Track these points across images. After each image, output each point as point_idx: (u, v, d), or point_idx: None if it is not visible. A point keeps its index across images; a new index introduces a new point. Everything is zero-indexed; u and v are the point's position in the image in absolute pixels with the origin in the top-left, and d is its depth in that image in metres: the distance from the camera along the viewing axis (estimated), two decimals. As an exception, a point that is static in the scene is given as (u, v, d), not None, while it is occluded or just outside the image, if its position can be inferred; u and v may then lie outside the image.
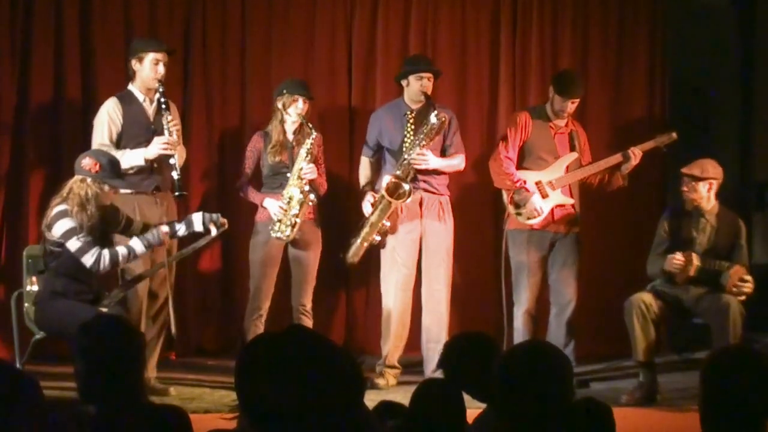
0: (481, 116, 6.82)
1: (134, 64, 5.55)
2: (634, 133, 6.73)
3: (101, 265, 4.88)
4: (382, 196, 5.69)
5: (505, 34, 6.85)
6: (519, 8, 6.86)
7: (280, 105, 5.72)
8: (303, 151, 5.60)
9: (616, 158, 5.85)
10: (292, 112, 5.69)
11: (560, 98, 5.81)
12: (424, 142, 5.70)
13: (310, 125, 5.66)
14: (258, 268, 5.73)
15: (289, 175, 5.63)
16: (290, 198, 5.60)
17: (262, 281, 5.72)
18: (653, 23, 6.98)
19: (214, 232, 5.24)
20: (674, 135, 5.98)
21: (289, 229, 5.60)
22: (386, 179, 5.70)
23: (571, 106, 5.82)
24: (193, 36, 6.56)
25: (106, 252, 4.88)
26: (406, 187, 5.66)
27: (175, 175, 5.38)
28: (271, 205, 5.64)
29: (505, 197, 5.87)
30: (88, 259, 4.86)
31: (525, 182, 5.80)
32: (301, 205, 5.60)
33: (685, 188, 5.59)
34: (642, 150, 5.85)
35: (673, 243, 5.61)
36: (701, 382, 2.42)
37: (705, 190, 5.55)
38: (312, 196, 5.61)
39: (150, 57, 5.50)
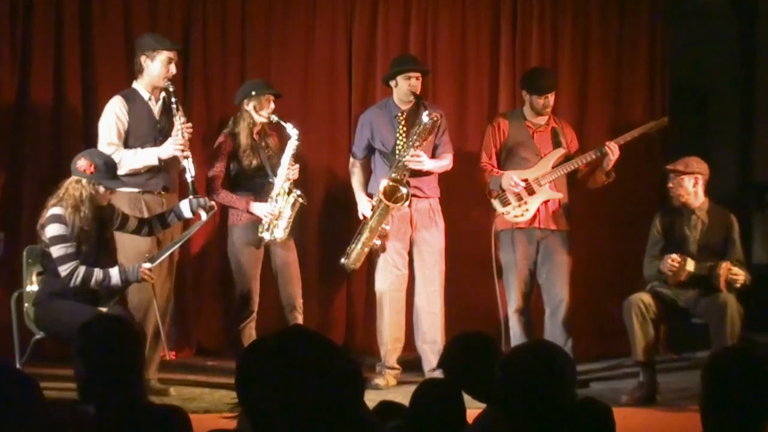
0: (481, 116, 6.82)
1: (144, 60, 5.41)
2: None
3: (73, 281, 4.84)
4: (380, 200, 5.68)
5: (505, 34, 6.85)
6: (519, 8, 6.86)
7: (249, 107, 5.62)
8: (288, 153, 5.58)
9: (592, 154, 5.85)
10: (265, 114, 5.62)
11: (536, 97, 5.86)
12: (417, 143, 5.70)
13: (292, 125, 5.59)
14: (245, 271, 5.67)
15: (271, 179, 5.59)
16: (278, 201, 5.58)
17: (251, 284, 5.67)
18: (653, 23, 6.98)
19: (204, 216, 5.26)
20: (665, 120, 6.02)
21: (282, 231, 5.59)
22: (383, 183, 5.69)
23: (551, 99, 5.88)
24: (193, 36, 6.56)
25: (82, 269, 4.84)
26: (404, 190, 5.66)
27: (189, 177, 5.29)
28: (261, 209, 5.59)
29: (489, 192, 5.92)
30: (63, 270, 4.84)
31: (495, 168, 5.89)
32: (293, 206, 5.59)
33: (670, 184, 5.63)
34: (621, 141, 5.83)
35: (667, 242, 5.63)
36: (702, 383, 2.42)
37: (690, 185, 5.57)
38: (300, 198, 5.60)
39: (163, 56, 5.39)
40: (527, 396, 2.45)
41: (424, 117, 5.65)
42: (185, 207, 5.23)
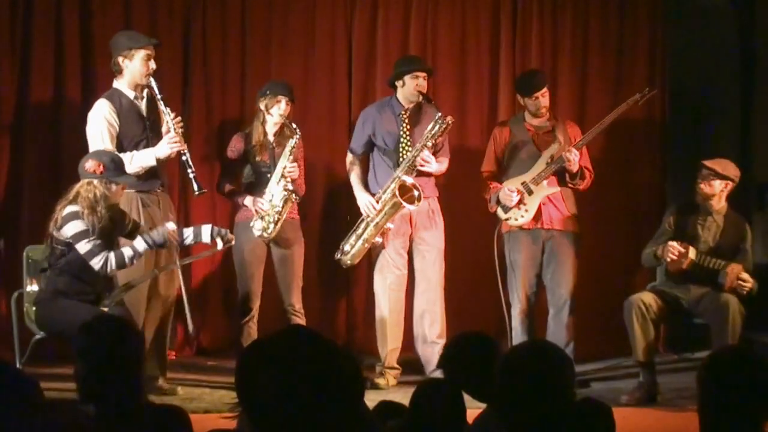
0: (481, 116, 6.82)
1: (122, 61, 5.33)
2: (634, 133, 6.75)
3: (108, 268, 4.86)
4: (393, 196, 5.67)
5: (505, 34, 6.85)
6: (519, 8, 6.86)
7: (262, 106, 5.70)
8: (287, 150, 5.61)
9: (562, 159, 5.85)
10: (275, 112, 5.67)
11: (528, 99, 5.88)
12: (429, 144, 5.71)
13: (294, 125, 5.64)
14: (244, 270, 5.71)
15: (270, 175, 5.63)
16: (272, 196, 5.61)
17: (250, 282, 5.70)
18: (653, 23, 6.98)
19: (219, 245, 5.24)
20: (650, 90, 5.99)
21: (272, 226, 5.60)
22: (407, 180, 5.67)
23: (543, 99, 5.87)
24: (193, 36, 6.57)
25: (112, 255, 4.85)
26: (416, 193, 5.67)
27: (190, 173, 5.27)
28: (252, 203, 5.64)
29: (491, 208, 5.92)
30: (96, 263, 4.84)
31: (492, 183, 5.92)
32: (285, 202, 5.60)
33: (701, 181, 5.58)
34: (584, 142, 5.85)
35: (677, 237, 5.60)
36: (699, 385, 2.42)
37: (719, 188, 5.56)
38: (293, 195, 5.61)
39: (141, 53, 5.31)
40: (526, 396, 2.45)
41: (439, 120, 5.66)
42: (206, 232, 5.20)
